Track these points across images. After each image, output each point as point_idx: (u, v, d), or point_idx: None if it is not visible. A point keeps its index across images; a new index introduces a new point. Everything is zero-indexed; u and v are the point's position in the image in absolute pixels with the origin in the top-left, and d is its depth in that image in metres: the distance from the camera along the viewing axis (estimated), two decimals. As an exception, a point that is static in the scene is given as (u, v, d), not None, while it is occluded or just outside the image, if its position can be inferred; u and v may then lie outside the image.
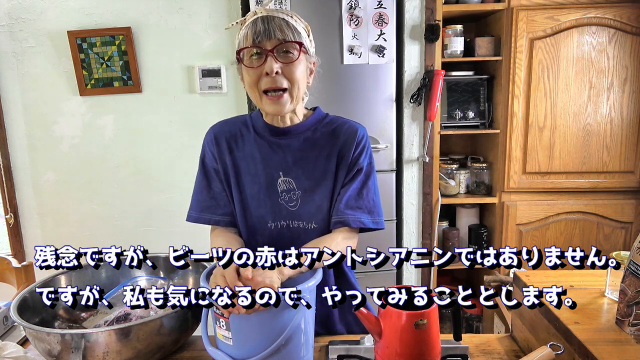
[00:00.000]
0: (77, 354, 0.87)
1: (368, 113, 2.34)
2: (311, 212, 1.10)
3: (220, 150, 1.14)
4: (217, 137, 1.15)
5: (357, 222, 1.07)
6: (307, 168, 1.10)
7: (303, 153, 1.11)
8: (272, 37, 1.00)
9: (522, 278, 1.06)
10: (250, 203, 1.12)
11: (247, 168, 1.12)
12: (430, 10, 2.29)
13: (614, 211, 2.39)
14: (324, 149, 1.11)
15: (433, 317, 0.83)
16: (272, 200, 1.10)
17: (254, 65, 1.02)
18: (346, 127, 1.13)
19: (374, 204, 1.11)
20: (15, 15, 2.36)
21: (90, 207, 2.56)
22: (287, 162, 1.10)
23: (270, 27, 1.00)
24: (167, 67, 2.43)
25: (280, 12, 1.04)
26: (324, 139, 1.11)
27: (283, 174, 1.10)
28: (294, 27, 1.02)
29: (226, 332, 0.86)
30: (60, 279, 1.14)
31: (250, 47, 1.01)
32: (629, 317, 0.82)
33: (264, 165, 1.11)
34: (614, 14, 2.21)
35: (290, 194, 1.10)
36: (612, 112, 2.30)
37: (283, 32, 1.00)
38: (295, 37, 1.02)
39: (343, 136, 1.11)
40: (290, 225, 1.11)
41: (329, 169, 1.10)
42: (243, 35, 1.03)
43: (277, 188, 1.10)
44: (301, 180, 1.10)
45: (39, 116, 2.47)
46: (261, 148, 1.12)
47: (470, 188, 2.59)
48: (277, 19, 1.01)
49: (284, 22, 1.01)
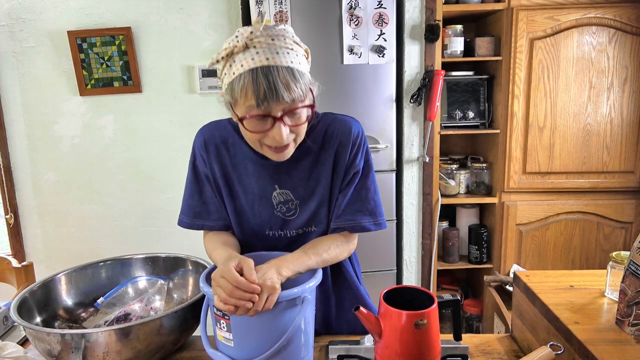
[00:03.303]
0: (77, 354, 0.87)
1: (368, 113, 2.34)
2: (309, 218, 1.07)
3: (210, 157, 1.07)
4: (207, 143, 1.07)
5: (358, 227, 1.04)
6: (302, 177, 1.04)
7: (297, 162, 1.03)
8: (280, 99, 0.85)
9: (522, 278, 1.06)
10: (245, 212, 1.08)
11: (239, 178, 1.06)
12: (430, 10, 2.29)
13: (614, 211, 2.39)
14: (317, 154, 1.04)
15: (433, 317, 0.83)
16: (268, 212, 1.06)
17: (257, 129, 0.89)
18: (339, 125, 1.04)
19: (375, 204, 1.06)
20: (15, 15, 2.36)
21: (90, 207, 2.56)
22: (281, 174, 1.04)
23: (276, 88, 0.83)
24: (167, 67, 2.43)
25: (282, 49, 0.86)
26: (316, 144, 1.03)
27: (279, 187, 1.04)
28: (300, 76, 0.87)
29: (227, 334, 0.86)
30: (60, 279, 1.14)
31: (255, 115, 0.87)
32: (629, 317, 0.82)
33: (257, 178, 1.05)
34: (614, 14, 2.21)
35: (288, 205, 1.05)
36: (612, 112, 2.30)
37: (290, 90, 0.85)
38: (304, 93, 0.88)
39: (337, 137, 1.03)
40: (288, 233, 1.08)
41: (324, 173, 1.04)
42: (239, 87, 0.86)
43: (272, 200, 1.05)
44: (298, 190, 1.05)
45: (39, 116, 2.47)
46: (253, 160, 1.04)
47: (470, 188, 2.59)
48: (282, 71, 0.84)
49: (289, 74, 0.85)
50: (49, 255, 2.59)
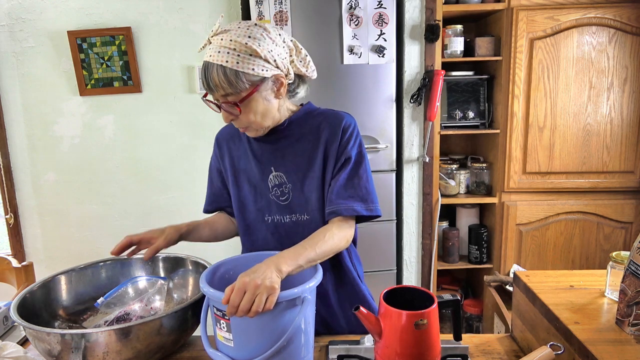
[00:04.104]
0: (77, 354, 0.87)
1: (368, 113, 2.34)
2: (301, 204, 1.13)
3: (222, 152, 1.23)
4: (220, 140, 1.24)
5: (350, 210, 1.05)
6: (295, 161, 1.13)
7: (291, 147, 1.13)
8: (213, 91, 1.01)
9: (522, 278, 1.06)
10: (247, 200, 1.17)
11: (244, 167, 1.18)
12: (430, 10, 2.29)
13: (614, 211, 2.39)
14: (310, 141, 1.12)
15: (433, 317, 0.83)
16: (264, 196, 1.15)
17: (216, 109, 1.07)
18: (332, 116, 1.13)
19: (367, 191, 1.08)
20: (15, 15, 2.36)
21: (90, 207, 2.56)
22: (277, 157, 1.14)
23: (210, 81, 0.99)
24: (167, 67, 2.43)
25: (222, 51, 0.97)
26: (310, 132, 1.13)
27: (274, 169, 1.14)
28: (232, 74, 0.97)
29: (227, 334, 0.86)
30: (60, 279, 1.14)
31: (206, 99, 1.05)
32: (629, 317, 0.82)
33: (256, 162, 1.15)
34: (614, 14, 2.21)
35: (281, 188, 1.13)
36: (612, 112, 2.30)
37: (219, 86, 0.99)
38: (238, 85, 0.98)
39: (329, 126, 1.11)
40: (283, 220, 1.14)
41: (316, 159, 1.11)
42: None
43: (269, 184, 1.14)
44: (290, 174, 1.13)
45: (39, 116, 2.47)
46: (253, 146, 1.16)
47: (470, 188, 2.59)
48: (216, 69, 0.97)
49: (221, 72, 0.97)
50: (49, 255, 2.59)
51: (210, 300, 0.88)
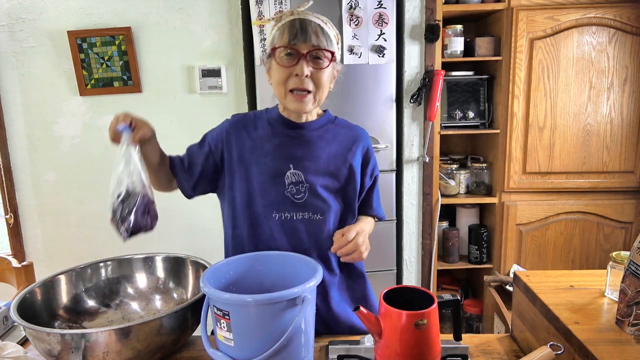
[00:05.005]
0: (77, 354, 0.87)
1: (368, 113, 2.34)
2: (317, 206, 1.14)
3: (230, 139, 1.18)
4: (231, 126, 1.20)
5: (381, 215, 1.31)
6: (318, 163, 1.15)
7: (314, 149, 1.15)
8: (307, 41, 1.05)
9: (522, 278, 1.06)
10: (256, 193, 1.15)
11: (256, 159, 1.15)
12: (430, 10, 2.29)
13: (614, 211, 2.39)
14: (334, 148, 1.17)
15: (433, 317, 0.83)
16: (277, 192, 1.13)
17: (285, 64, 1.06)
18: (360, 132, 1.24)
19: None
20: (15, 15, 2.36)
21: (90, 207, 2.55)
22: (297, 155, 1.14)
23: (307, 31, 1.05)
24: (167, 67, 2.43)
25: (317, 17, 1.09)
26: (335, 139, 1.18)
27: (293, 167, 1.14)
28: (327, 35, 1.07)
29: (227, 334, 0.86)
30: (60, 279, 1.14)
31: (285, 47, 1.05)
32: (629, 317, 0.82)
33: (274, 157, 1.14)
34: (614, 14, 2.21)
35: (298, 186, 1.14)
36: (612, 112, 2.30)
37: (318, 38, 1.05)
38: (328, 45, 1.07)
39: (362, 143, 1.21)
40: (294, 217, 1.14)
41: (341, 169, 1.16)
42: (279, 33, 1.08)
43: (285, 180, 1.13)
44: (310, 174, 1.14)
45: (39, 116, 2.46)
46: (272, 139, 1.16)
47: (470, 188, 2.59)
48: (314, 23, 1.06)
49: (319, 28, 1.06)
50: (49, 255, 2.59)
51: (211, 300, 0.88)
